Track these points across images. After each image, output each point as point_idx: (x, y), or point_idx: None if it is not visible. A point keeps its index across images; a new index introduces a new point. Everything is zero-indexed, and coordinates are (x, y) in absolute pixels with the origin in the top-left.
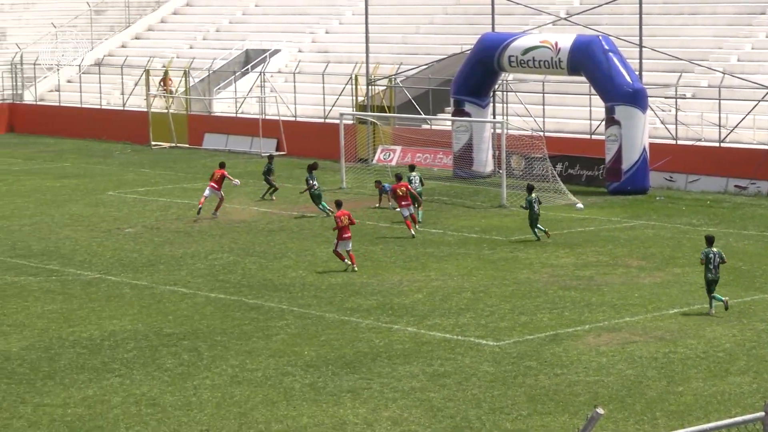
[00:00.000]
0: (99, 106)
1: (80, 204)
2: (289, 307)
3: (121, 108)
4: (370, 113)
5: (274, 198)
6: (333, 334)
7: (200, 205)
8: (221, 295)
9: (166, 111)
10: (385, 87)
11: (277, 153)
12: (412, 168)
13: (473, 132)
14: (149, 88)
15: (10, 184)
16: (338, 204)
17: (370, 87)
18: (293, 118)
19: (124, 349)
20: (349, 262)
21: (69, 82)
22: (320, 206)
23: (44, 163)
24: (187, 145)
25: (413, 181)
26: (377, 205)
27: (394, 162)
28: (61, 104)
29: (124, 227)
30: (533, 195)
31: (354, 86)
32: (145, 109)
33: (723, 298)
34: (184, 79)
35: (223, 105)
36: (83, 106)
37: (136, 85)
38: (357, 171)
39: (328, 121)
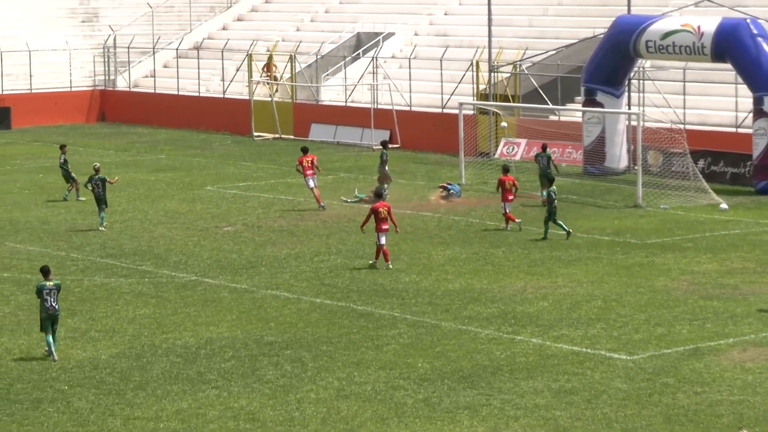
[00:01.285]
0: (197, 94)
1: (176, 200)
2: (402, 315)
3: (221, 95)
4: (492, 103)
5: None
6: (449, 344)
7: (321, 203)
8: (327, 301)
9: (269, 99)
10: (509, 74)
11: (391, 146)
12: (544, 148)
13: (606, 124)
14: (252, 74)
15: None
16: (378, 194)
17: (492, 74)
18: (408, 108)
19: (222, 359)
20: (376, 260)
21: (165, 67)
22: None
23: (138, 155)
24: (292, 137)
25: (540, 163)
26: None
27: (518, 156)
28: (157, 91)
29: (223, 225)
30: (554, 187)
31: (475, 73)
32: (247, 97)
33: None
34: (289, 64)
35: (331, 93)
36: (180, 93)
37: (237, 70)
38: (477, 166)
39: (446, 111)
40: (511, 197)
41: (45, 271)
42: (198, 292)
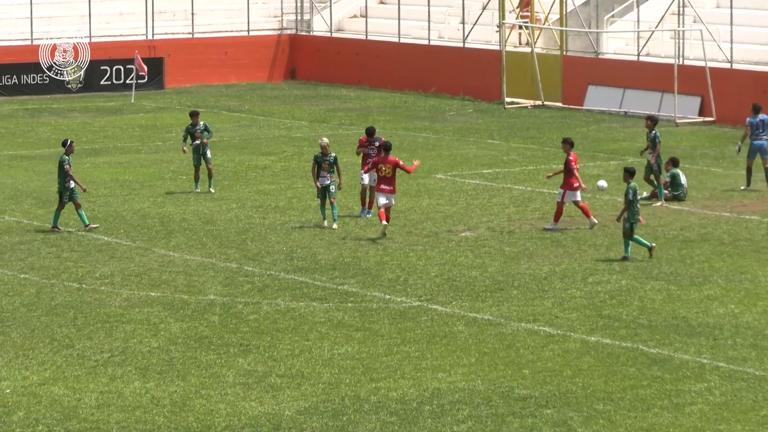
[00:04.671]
0: (426, 42)
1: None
2: (713, 362)
3: (460, 44)
4: None
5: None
6: None
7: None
8: (606, 340)
9: (528, 50)
10: None
11: (700, 119)
12: None
13: None
14: (504, 14)
15: (288, 158)
16: (386, 148)
17: None
18: (727, 65)
19: (454, 419)
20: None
21: (382, 3)
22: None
23: (340, 127)
24: (560, 104)
25: None
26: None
27: None
28: (369, 37)
29: (459, 230)
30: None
31: None
32: (496, 47)
33: None
34: (558, 0)
35: (618, 42)
36: (402, 41)
37: (484, 9)
38: None
39: None
40: (576, 183)
41: None
42: (422, 323)
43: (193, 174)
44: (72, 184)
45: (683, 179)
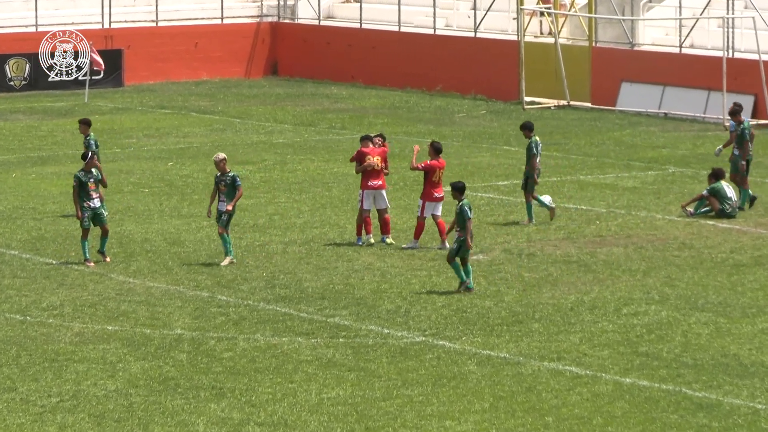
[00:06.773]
0: (431, 31)
1: (391, 207)
2: None
3: (471, 34)
4: None
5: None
6: None
7: (368, 236)
8: (643, 382)
9: (551, 41)
10: None
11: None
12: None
13: None
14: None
15: (269, 168)
16: (365, 139)
17: None
18: None
19: None
20: (368, 237)
21: None
22: None
23: (330, 132)
24: (589, 104)
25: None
26: None
27: None
28: (363, 26)
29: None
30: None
31: None
32: (514, 37)
33: None
34: None
35: (656, 31)
36: (402, 30)
37: None
38: None
39: None
40: (440, 194)
41: None
42: (426, 362)
43: None
44: (94, 203)
45: (729, 192)
